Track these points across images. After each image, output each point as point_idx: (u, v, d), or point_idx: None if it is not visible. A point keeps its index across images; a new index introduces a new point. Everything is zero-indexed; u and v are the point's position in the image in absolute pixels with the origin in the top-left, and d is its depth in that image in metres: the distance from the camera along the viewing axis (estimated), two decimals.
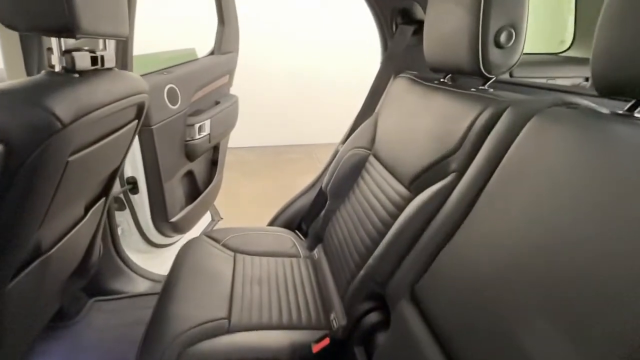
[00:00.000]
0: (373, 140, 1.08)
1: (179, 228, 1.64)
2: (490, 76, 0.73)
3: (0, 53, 0.89)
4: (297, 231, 1.38)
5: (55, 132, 0.50)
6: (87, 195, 0.89)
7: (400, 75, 1.11)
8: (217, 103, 1.88)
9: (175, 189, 1.62)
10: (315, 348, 0.77)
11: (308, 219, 1.34)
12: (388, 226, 0.77)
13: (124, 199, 1.44)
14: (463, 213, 0.58)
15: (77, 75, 0.62)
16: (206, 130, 1.70)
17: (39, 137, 0.48)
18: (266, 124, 4.08)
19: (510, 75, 1.08)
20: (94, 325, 1.23)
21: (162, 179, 1.46)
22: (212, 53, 1.95)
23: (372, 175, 0.99)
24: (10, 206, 0.51)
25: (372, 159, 1.04)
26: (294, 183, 1.56)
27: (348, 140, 1.18)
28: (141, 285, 1.44)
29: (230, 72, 2.04)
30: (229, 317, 0.83)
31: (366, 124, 1.15)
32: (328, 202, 1.16)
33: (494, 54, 0.70)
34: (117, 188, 1.39)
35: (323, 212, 1.18)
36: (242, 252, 1.11)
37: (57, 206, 0.66)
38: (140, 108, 0.88)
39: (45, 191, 0.56)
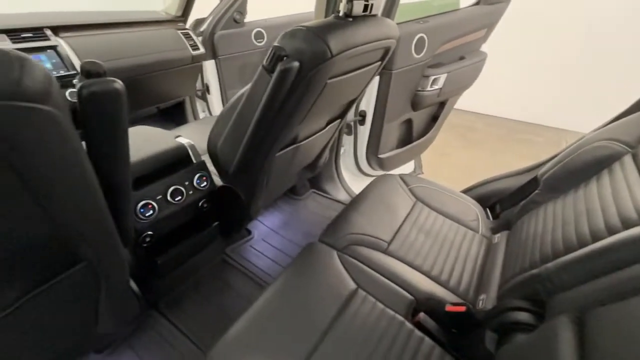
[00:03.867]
0: None
1: (383, 165, 1.88)
2: None
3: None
4: (488, 210, 1.28)
5: (327, 59, 0.73)
6: (329, 114, 1.20)
7: None
8: (461, 58, 1.82)
9: (392, 131, 1.82)
10: (449, 308, 0.80)
11: (506, 203, 1.20)
12: (597, 240, 0.62)
13: (352, 126, 1.79)
14: None
15: (350, 19, 0.82)
16: (439, 85, 1.72)
17: (317, 60, 0.72)
18: (512, 93, 3.50)
19: None
20: (308, 207, 1.73)
21: (385, 119, 1.67)
22: (477, 3, 1.83)
23: (614, 180, 0.76)
24: (290, 104, 0.81)
25: (627, 159, 0.78)
26: (515, 165, 1.35)
27: (604, 128, 0.91)
28: (342, 195, 1.83)
29: (490, 26, 1.86)
30: (389, 243, 0.98)
31: None
32: (537, 191, 0.99)
33: None
34: (351, 116, 1.73)
35: (525, 201, 1.04)
36: (423, 203, 1.19)
37: (312, 113, 0.96)
38: (386, 52, 1.04)
39: (309, 100, 0.83)
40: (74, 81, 0.49)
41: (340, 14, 0.83)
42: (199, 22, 2.20)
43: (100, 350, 0.98)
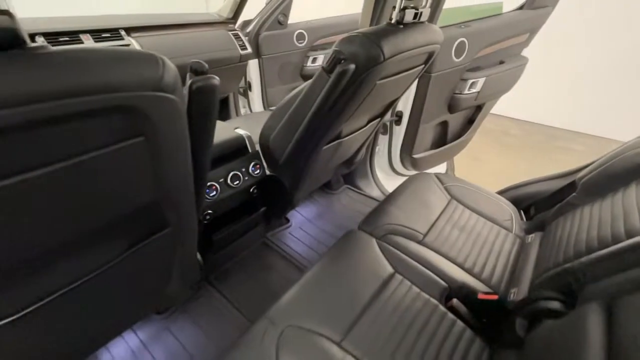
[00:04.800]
0: None
1: (416, 165, 1.93)
2: None
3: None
4: (522, 212, 1.31)
5: (379, 63, 0.81)
6: (371, 112, 1.28)
7: None
8: (500, 62, 1.83)
9: (427, 132, 1.87)
10: (481, 296, 0.85)
11: (541, 205, 1.23)
12: (631, 237, 0.66)
13: (388, 126, 1.85)
14: None
15: (401, 26, 0.89)
16: (476, 88, 1.75)
17: (371, 63, 0.81)
18: (554, 99, 3.40)
19: None
20: (341, 201, 1.82)
21: (421, 120, 1.72)
22: (521, 7, 1.83)
23: None
24: (342, 102, 0.89)
25: None
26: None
27: None
28: (375, 192, 1.90)
29: (533, 30, 1.86)
30: (425, 235, 1.05)
31: None
32: (574, 195, 1.02)
33: None
34: (387, 116, 1.80)
35: (561, 203, 1.06)
36: (458, 201, 1.24)
37: (358, 112, 1.04)
38: (430, 56, 1.10)
39: (359, 99, 0.92)
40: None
41: (393, 21, 0.90)
42: (246, 23, 2.35)
43: (160, 312, 1.12)
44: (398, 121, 1.80)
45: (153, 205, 0.64)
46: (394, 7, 0.89)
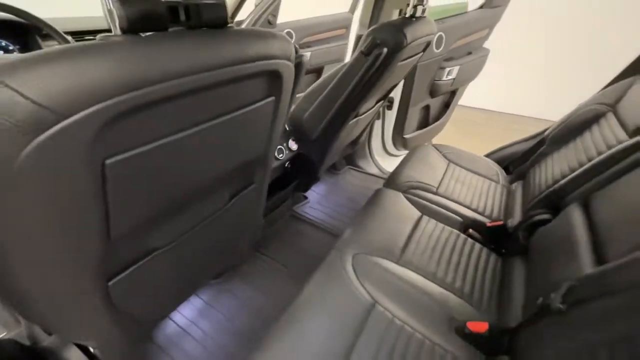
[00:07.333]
0: (619, 99, 1.13)
1: (406, 145, 2.20)
2: None
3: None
4: (504, 170, 1.62)
5: (403, 47, 1.04)
6: (380, 93, 1.51)
7: None
8: (468, 53, 2.16)
9: (413, 115, 2.14)
10: (490, 224, 1.11)
11: (518, 161, 1.54)
12: (591, 160, 0.95)
13: (381, 112, 2.10)
14: None
15: (414, 19, 1.13)
16: (452, 75, 2.05)
17: (398, 47, 1.03)
18: (511, 88, 3.90)
19: None
20: (346, 180, 2.04)
21: (410, 104, 1.99)
22: (481, 6, 2.18)
23: (601, 128, 1.10)
24: (372, 81, 1.11)
25: (609, 115, 1.12)
26: None
27: (595, 95, 1.25)
28: (374, 169, 2.14)
29: (491, 26, 2.22)
30: (437, 187, 1.30)
31: (622, 84, 1.18)
32: (544, 147, 1.33)
33: None
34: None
35: (534, 156, 1.37)
36: (455, 164, 1.51)
37: (375, 91, 1.26)
38: (428, 44, 1.36)
39: (384, 78, 1.14)
40: None
41: (407, 15, 1.14)
42: (238, 24, 2.49)
43: (216, 277, 1.26)
44: (389, 106, 2.06)
45: (253, 160, 0.81)
46: (408, 4, 1.12)
